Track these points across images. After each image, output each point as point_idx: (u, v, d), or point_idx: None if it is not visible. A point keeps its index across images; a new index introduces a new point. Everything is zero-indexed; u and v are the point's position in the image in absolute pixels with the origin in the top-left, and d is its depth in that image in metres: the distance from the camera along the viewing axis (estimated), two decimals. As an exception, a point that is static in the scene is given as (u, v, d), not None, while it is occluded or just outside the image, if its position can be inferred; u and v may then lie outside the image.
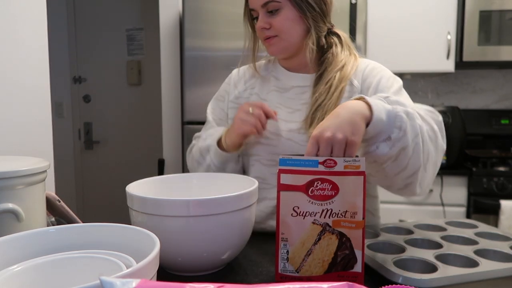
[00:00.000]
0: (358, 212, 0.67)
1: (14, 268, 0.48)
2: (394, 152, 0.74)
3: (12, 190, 0.66)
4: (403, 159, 0.75)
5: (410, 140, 0.74)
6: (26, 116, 1.20)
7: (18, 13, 1.18)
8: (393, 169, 0.77)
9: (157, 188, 0.83)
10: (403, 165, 0.76)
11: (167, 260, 0.69)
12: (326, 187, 0.68)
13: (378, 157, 0.75)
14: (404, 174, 0.78)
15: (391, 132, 0.73)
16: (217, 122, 1.12)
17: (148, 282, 0.32)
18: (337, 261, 0.68)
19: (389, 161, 0.76)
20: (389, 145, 0.73)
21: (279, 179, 0.69)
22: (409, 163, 0.76)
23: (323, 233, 0.68)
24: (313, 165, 0.68)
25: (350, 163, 0.67)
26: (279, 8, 0.94)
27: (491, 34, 2.25)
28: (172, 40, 2.47)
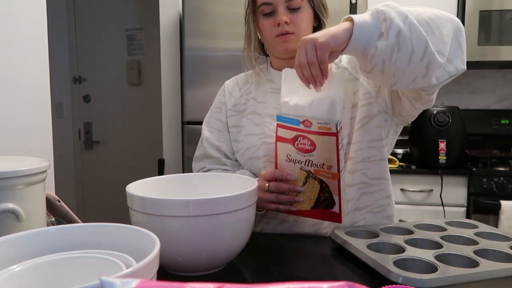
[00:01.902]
0: (333, 166, 0.82)
1: (14, 268, 0.48)
2: (392, 41, 0.74)
3: (12, 190, 0.66)
4: (405, 43, 0.74)
5: (401, 23, 0.73)
6: (26, 116, 1.21)
7: (18, 13, 1.18)
8: (403, 59, 0.75)
9: (157, 188, 0.83)
10: (409, 49, 0.74)
11: (167, 260, 0.69)
12: (306, 142, 0.83)
13: (383, 55, 0.75)
14: (416, 57, 0.75)
15: (380, 28, 0.75)
16: (214, 134, 1.11)
17: (148, 282, 0.32)
18: (320, 201, 0.85)
19: (393, 53, 0.75)
20: (383, 39, 0.74)
21: (277, 132, 0.86)
22: (413, 43, 0.74)
23: (308, 178, 0.85)
24: (296, 124, 0.82)
25: (323, 125, 0.80)
26: (300, 6, 0.96)
27: (491, 34, 2.25)
28: (172, 40, 2.47)
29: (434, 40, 0.75)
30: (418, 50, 0.74)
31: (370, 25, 0.75)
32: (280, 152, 0.87)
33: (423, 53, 0.74)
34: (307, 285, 0.30)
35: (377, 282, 0.66)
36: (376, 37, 0.75)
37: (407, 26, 0.73)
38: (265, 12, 0.98)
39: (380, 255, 0.73)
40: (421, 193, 2.16)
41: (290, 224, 1.00)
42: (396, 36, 0.73)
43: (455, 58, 0.79)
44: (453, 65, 0.79)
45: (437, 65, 0.76)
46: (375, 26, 0.75)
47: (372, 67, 0.78)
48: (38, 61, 1.25)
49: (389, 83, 0.81)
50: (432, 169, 2.14)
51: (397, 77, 0.79)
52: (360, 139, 0.97)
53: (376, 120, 0.97)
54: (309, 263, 0.79)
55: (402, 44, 0.74)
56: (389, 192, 1.03)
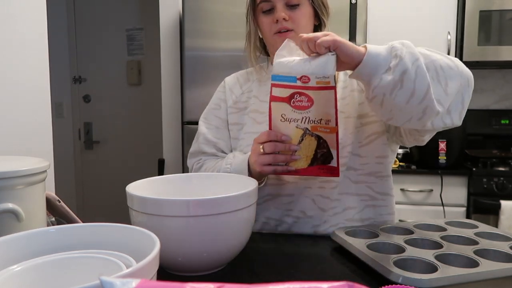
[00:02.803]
0: (331, 120, 0.83)
1: (14, 268, 0.48)
2: (396, 78, 0.76)
3: (12, 190, 0.66)
4: (408, 83, 0.76)
5: (409, 64, 0.76)
6: (26, 116, 1.21)
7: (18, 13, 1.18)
8: (402, 97, 0.77)
9: (157, 188, 0.83)
10: (410, 90, 0.76)
11: (167, 260, 0.69)
12: (303, 99, 0.83)
13: (385, 88, 0.77)
14: (415, 98, 0.77)
15: (389, 62, 0.77)
16: (212, 131, 1.11)
17: (148, 282, 0.32)
18: (317, 157, 0.86)
19: (395, 89, 0.77)
20: (389, 73, 0.77)
21: (271, 92, 0.85)
22: (416, 86, 0.76)
23: (304, 135, 0.85)
24: (293, 81, 0.82)
25: (321, 79, 0.80)
26: (299, 3, 0.96)
27: (491, 34, 2.25)
28: (172, 40, 2.47)
29: (438, 89, 0.78)
30: (419, 93, 0.76)
31: (381, 57, 0.78)
32: (275, 112, 0.86)
33: (423, 97, 0.77)
34: (307, 285, 0.30)
35: (377, 282, 0.66)
36: (383, 70, 0.77)
37: (415, 68, 0.76)
38: (264, 9, 0.98)
39: (380, 255, 0.73)
40: (421, 193, 2.16)
41: (289, 224, 1.00)
42: (401, 74, 0.76)
43: (454, 112, 0.82)
44: (450, 118, 0.82)
45: (433, 112, 0.79)
46: (385, 59, 0.78)
47: (373, 96, 0.80)
48: (38, 61, 1.25)
49: (386, 116, 0.84)
50: (432, 169, 2.14)
51: (394, 113, 0.82)
52: (368, 153, 0.99)
53: (382, 138, 0.99)
54: (309, 263, 0.79)
55: (405, 83, 0.76)
56: (393, 209, 1.04)
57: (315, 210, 0.98)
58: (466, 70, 0.83)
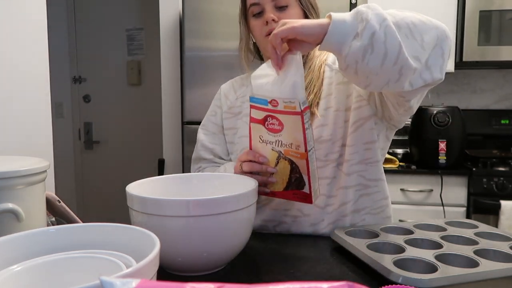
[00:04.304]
0: (301, 146, 0.81)
1: (14, 268, 0.48)
2: (365, 42, 0.72)
3: (12, 190, 0.66)
4: (379, 46, 0.72)
5: (377, 25, 0.72)
6: (26, 116, 1.21)
7: (18, 13, 1.18)
8: (376, 61, 0.73)
9: (157, 188, 0.83)
10: (382, 52, 0.73)
11: (167, 260, 0.69)
12: (275, 122, 0.83)
13: (356, 55, 0.73)
14: (389, 60, 0.73)
15: (356, 28, 0.73)
16: (209, 137, 1.14)
17: (148, 282, 0.32)
18: (292, 181, 0.85)
19: (366, 54, 0.73)
20: (358, 39, 0.73)
21: (250, 113, 0.86)
22: (387, 47, 0.72)
23: (279, 158, 0.85)
24: (265, 104, 0.83)
25: (288, 103, 0.79)
26: (287, 4, 0.96)
27: (491, 34, 2.25)
28: (172, 40, 2.47)
29: (413, 45, 0.74)
30: (391, 54, 0.73)
31: (347, 24, 0.74)
32: (254, 133, 0.87)
33: (396, 57, 0.73)
34: (307, 285, 0.30)
35: (377, 282, 0.66)
36: (351, 37, 0.74)
37: (383, 29, 0.72)
38: (254, 12, 0.99)
39: (380, 255, 0.73)
40: (421, 193, 2.16)
41: (288, 225, 1.00)
42: (370, 38, 0.72)
43: (434, 66, 0.77)
44: (429, 72, 0.77)
45: (410, 71, 0.75)
46: (352, 26, 0.74)
47: (346, 66, 0.77)
48: (38, 61, 1.25)
49: (363, 84, 0.81)
50: (432, 169, 2.14)
51: (370, 79, 0.78)
52: (355, 141, 0.97)
53: (369, 123, 0.97)
54: (309, 263, 0.79)
55: (375, 46, 0.72)
56: (386, 193, 1.03)
57: (312, 208, 0.98)
58: (440, 23, 0.79)
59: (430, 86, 0.82)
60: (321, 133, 0.97)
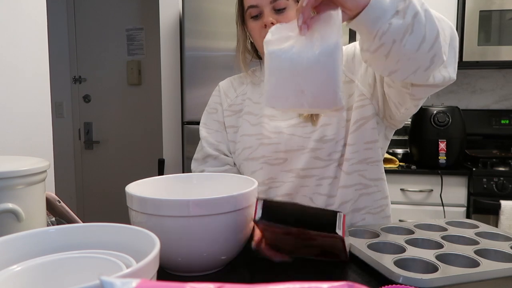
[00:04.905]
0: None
1: (14, 268, 0.48)
2: (408, 21, 0.69)
3: (12, 190, 0.66)
4: (419, 27, 0.70)
5: (418, 7, 0.69)
6: (26, 116, 1.20)
7: (18, 13, 1.18)
8: (413, 44, 0.70)
9: (157, 188, 0.83)
10: (421, 34, 0.70)
11: (167, 260, 0.69)
12: None
13: (395, 34, 0.69)
14: (425, 45, 0.71)
15: (397, 6, 0.69)
16: (213, 135, 1.12)
17: (148, 282, 0.32)
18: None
19: (406, 34, 0.70)
20: (399, 17, 0.69)
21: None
22: (426, 30, 0.70)
23: None
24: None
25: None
26: (286, 6, 0.95)
27: (491, 34, 2.25)
28: (172, 40, 2.47)
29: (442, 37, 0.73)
30: (429, 38, 0.70)
31: (387, 3, 0.69)
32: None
33: (433, 43, 0.71)
34: (307, 285, 0.30)
35: (377, 282, 0.66)
36: (391, 14, 0.69)
37: (423, 11, 0.70)
38: (252, 14, 0.98)
39: (381, 255, 0.73)
40: (421, 193, 2.16)
41: None
42: (413, 18, 0.69)
43: (450, 65, 0.77)
44: (447, 71, 0.77)
45: (440, 61, 0.73)
46: (392, 2, 0.68)
47: (379, 46, 0.71)
48: (38, 61, 1.25)
49: (389, 69, 0.76)
50: (432, 169, 2.14)
51: (401, 64, 0.74)
52: (356, 140, 0.97)
53: (371, 122, 0.97)
54: (309, 263, 0.79)
55: (415, 27, 0.69)
56: (386, 193, 1.03)
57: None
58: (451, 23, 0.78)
59: (441, 87, 0.81)
60: (324, 132, 0.97)
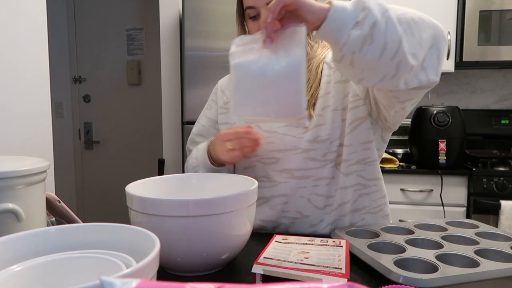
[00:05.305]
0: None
1: (14, 268, 0.48)
2: (366, 31, 0.69)
3: (12, 190, 0.66)
4: (379, 37, 0.70)
5: (379, 15, 0.69)
6: (26, 116, 1.20)
7: (18, 14, 1.18)
8: (374, 53, 0.71)
9: (157, 188, 0.83)
10: (381, 43, 0.70)
11: (167, 260, 0.69)
12: None
13: (353, 45, 0.70)
14: (387, 54, 0.71)
15: (357, 17, 0.70)
16: (198, 129, 1.15)
17: (148, 282, 0.32)
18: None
19: (365, 44, 0.70)
20: (358, 28, 0.70)
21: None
22: (387, 39, 0.70)
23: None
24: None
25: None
26: None
27: (491, 34, 2.25)
28: (172, 40, 2.47)
29: (411, 42, 0.71)
30: (391, 47, 0.70)
31: (348, 12, 0.70)
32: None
33: (396, 51, 0.70)
34: (307, 285, 0.30)
35: (377, 282, 0.66)
36: (351, 25, 0.70)
37: (384, 19, 0.69)
38: (250, 15, 0.99)
39: (381, 255, 0.73)
40: (421, 193, 2.16)
41: (286, 225, 1.01)
42: (371, 27, 0.69)
43: (430, 67, 0.75)
44: (425, 74, 0.75)
45: (407, 67, 0.72)
46: (353, 13, 0.70)
47: (341, 56, 0.73)
48: (38, 61, 1.25)
49: (357, 77, 0.78)
50: (432, 169, 2.14)
51: (366, 73, 0.75)
52: (353, 141, 0.97)
53: (366, 122, 0.97)
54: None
55: (375, 37, 0.70)
56: (384, 192, 1.04)
57: (311, 209, 0.98)
58: (437, 23, 0.77)
59: (425, 89, 0.80)
60: (318, 132, 0.97)
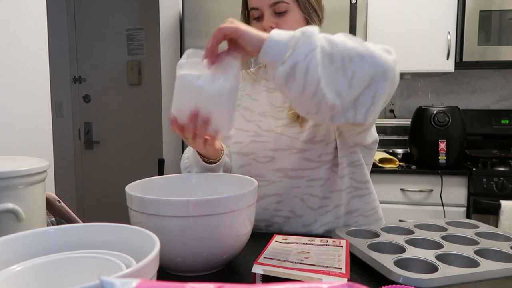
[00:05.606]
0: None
1: (14, 268, 0.48)
2: (287, 70, 0.70)
3: (12, 190, 0.66)
4: (299, 76, 0.70)
5: (302, 56, 0.69)
6: (26, 116, 1.20)
7: (18, 14, 1.18)
8: (296, 90, 0.72)
9: (157, 188, 0.83)
10: (301, 83, 0.70)
11: (167, 260, 0.69)
12: None
13: (279, 80, 0.72)
14: (307, 93, 0.71)
15: (285, 53, 0.71)
16: None
17: (148, 282, 0.32)
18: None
19: (289, 82, 0.71)
20: (283, 65, 0.71)
21: None
22: (306, 79, 0.70)
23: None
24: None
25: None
26: (287, 9, 0.94)
27: (491, 34, 2.25)
28: (172, 40, 2.47)
29: (339, 81, 0.70)
30: (310, 87, 0.70)
31: (281, 46, 0.71)
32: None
33: (314, 92, 0.70)
34: (307, 285, 0.30)
35: (377, 282, 0.66)
36: (280, 61, 0.71)
37: (307, 60, 0.69)
38: (254, 16, 0.98)
39: (381, 255, 0.73)
40: (421, 193, 2.16)
41: (280, 225, 1.01)
42: (293, 67, 0.70)
43: (362, 106, 0.73)
44: (354, 113, 0.73)
45: (327, 107, 0.71)
46: (284, 49, 0.71)
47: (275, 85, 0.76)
48: (38, 61, 1.25)
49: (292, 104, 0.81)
50: (432, 169, 2.14)
51: (294, 104, 0.78)
52: (342, 146, 0.98)
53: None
54: (309, 263, 0.78)
55: (296, 76, 0.70)
56: (375, 195, 1.05)
57: (304, 209, 0.99)
58: (384, 61, 0.71)
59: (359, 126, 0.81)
60: (314, 133, 0.97)
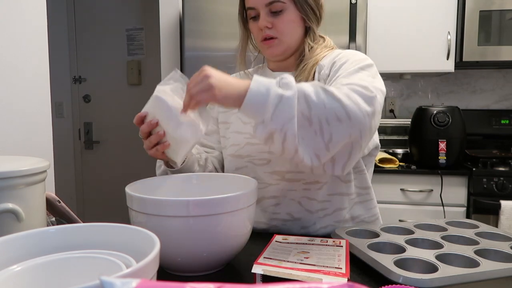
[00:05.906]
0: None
1: (14, 268, 0.48)
2: (266, 135, 0.72)
3: (12, 190, 0.66)
4: (277, 143, 0.73)
5: (279, 126, 0.70)
6: (26, 116, 1.21)
7: (18, 14, 1.18)
8: (276, 151, 0.75)
9: (157, 188, 0.83)
10: (279, 148, 0.73)
11: (167, 260, 0.69)
12: None
13: (259, 137, 0.74)
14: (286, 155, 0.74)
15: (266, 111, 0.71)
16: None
17: (148, 282, 0.32)
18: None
19: (268, 143, 0.74)
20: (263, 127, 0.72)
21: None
22: (284, 147, 0.72)
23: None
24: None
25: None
26: (282, 9, 0.94)
27: (491, 34, 2.25)
28: (172, 40, 2.47)
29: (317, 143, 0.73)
30: (288, 152, 0.73)
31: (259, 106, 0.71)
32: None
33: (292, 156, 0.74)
34: (307, 285, 0.30)
35: (377, 282, 0.66)
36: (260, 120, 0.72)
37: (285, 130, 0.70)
38: (251, 16, 0.98)
39: (381, 255, 0.73)
40: (421, 193, 2.16)
41: (278, 228, 1.01)
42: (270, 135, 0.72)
43: (338, 161, 0.77)
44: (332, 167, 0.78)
45: (306, 167, 0.76)
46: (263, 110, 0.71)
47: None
48: (38, 61, 1.25)
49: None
50: (432, 169, 2.14)
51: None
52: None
53: None
54: (309, 263, 0.78)
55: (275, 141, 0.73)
56: (375, 201, 1.05)
57: (302, 212, 0.98)
58: (360, 121, 0.73)
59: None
60: None
